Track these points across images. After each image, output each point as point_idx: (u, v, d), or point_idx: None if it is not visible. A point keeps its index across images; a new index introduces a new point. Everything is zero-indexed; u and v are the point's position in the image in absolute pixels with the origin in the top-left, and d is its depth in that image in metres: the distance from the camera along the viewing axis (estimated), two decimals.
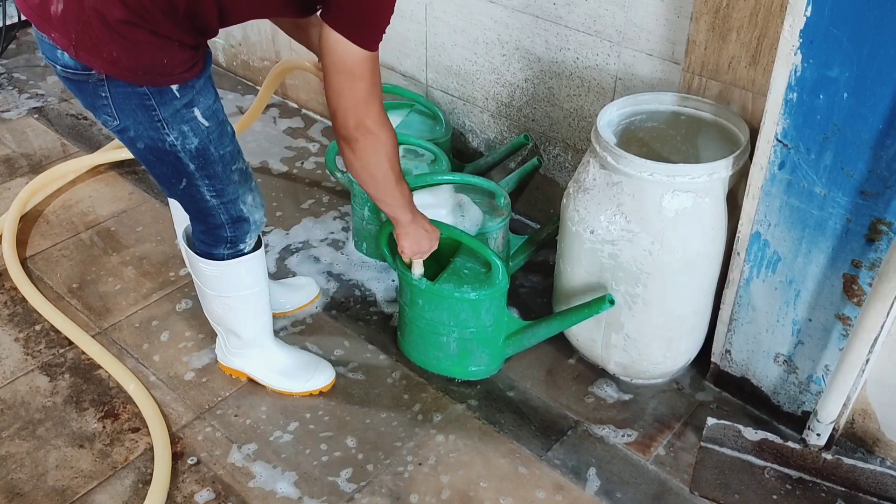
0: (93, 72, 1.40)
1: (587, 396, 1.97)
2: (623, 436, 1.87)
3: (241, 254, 1.74)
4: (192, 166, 1.54)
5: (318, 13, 1.42)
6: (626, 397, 1.96)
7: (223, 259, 1.74)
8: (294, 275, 2.34)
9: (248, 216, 1.68)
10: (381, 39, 1.41)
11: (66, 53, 1.40)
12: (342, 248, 2.44)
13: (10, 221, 2.46)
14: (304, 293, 2.22)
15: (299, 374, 1.96)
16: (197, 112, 1.49)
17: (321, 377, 1.97)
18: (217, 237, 1.70)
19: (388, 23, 1.41)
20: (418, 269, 1.89)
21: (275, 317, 2.10)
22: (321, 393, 1.96)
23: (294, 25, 1.84)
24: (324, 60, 1.42)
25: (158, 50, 1.39)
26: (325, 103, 1.76)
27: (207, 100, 1.51)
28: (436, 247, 1.85)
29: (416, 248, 1.80)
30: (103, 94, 1.44)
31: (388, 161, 1.56)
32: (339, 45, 1.38)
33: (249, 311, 1.86)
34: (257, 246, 1.79)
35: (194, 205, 1.63)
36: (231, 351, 1.96)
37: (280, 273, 2.34)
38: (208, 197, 1.60)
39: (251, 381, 1.99)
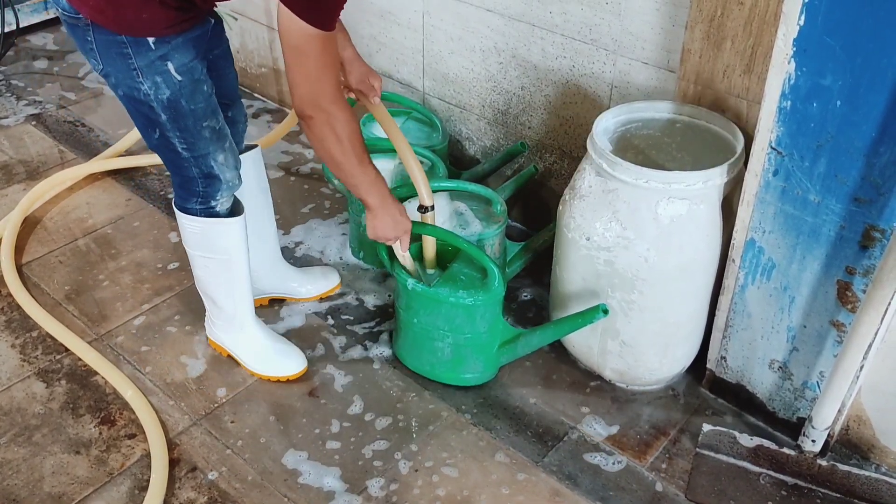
0: (81, 16, 1.52)
1: (583, 402, 1.97)
2: (618, 442, 1.87)
3: (213, 211, 1.81)
4: (163, 117, 1.62)
5: None
6: (622, 404, 1.97)
7: (197, 214, 1.82)
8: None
9: (218, 174, 1.75)
10: (334, 19, 1.44)
11: None
12: (340, 254, 2.44)
13: (11, 228, 2.46)
14: (324, 282, 2.28)
15: (274, 357, 2.02)
16: (170, 66, 1.57)
17: (293, 364, 2.02)
18: (190, 190, 1.78)
19: (342, 6, 1.43)
20: (407, 261, 1.88)
21: (290, 302, 2.23)
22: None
23: None
24: (280, 37, 1.46)
25: (140, 4, 1.49)
26: None
27: (184, 57, 1.58)
28: (401, 238, 1.81)
29: (380, 233, 1.78)
30: (89, 39, 1.55)
31: (348, 139, 1.57)
32: (292, 23, 1.41)
33: (228, 278, 1.92)
34: (236, 212, 1.85)
35: (169, 156, 1.72)
36: (215, 324, 2.03)
37: None
38: (180, 149, 1.69)
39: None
